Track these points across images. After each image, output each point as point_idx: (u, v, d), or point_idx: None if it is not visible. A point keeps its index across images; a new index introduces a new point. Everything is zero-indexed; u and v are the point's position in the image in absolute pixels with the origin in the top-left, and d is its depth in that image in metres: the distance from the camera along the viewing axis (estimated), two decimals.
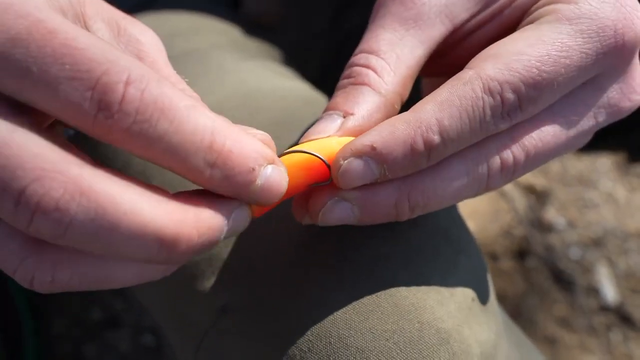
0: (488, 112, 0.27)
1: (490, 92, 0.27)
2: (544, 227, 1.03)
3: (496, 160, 0.28)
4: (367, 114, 0.29)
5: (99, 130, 0.21)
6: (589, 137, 0.31)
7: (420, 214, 0.29)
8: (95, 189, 0.21)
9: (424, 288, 0.31)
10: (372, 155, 0.27)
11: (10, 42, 0.21)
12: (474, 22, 0.32)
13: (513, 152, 0.29)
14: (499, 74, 0.27)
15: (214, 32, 0.51)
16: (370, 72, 0.30)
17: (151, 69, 0.22)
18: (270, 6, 0.57)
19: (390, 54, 0.30)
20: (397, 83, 0.30)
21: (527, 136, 0.29)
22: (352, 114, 0.29)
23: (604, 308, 0.96)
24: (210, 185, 0.23)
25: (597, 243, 1.02)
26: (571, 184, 1.08)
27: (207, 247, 0.24)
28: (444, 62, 0.34)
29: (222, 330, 0.33)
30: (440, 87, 0.28)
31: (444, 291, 0.32)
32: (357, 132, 0.29)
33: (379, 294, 0.30)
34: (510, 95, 0.27)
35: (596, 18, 0.28)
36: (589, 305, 0.97)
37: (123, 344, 0.86)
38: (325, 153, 0.28)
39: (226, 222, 0.24)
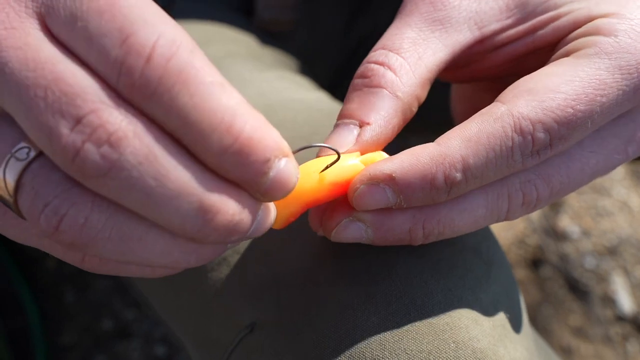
0: (517, 151, 0.26)
1: (521, 131, 0.26)
2: (558, 236, 1.02)
3: (518, 195, 0.28)
4: (384, 122, 0.28)
5: (122, 91, 0.21)
6: (615, 168, 0.30)
7: (435, 241, 0.28)
8: (150, 137, 0.21)
9: (457, 306, 0.30)
10: (389, 184, 0.26)
11: None
12: (504, 35, 0.31)
13: (537, 188, 0.28)
14: (532, 113, 0.26)
15: (229, 41, 0.51)
16: (388, 72, 0.28)
17: (189, 37, 0.21)
18: (284, 14, 0.57)
19: (412, 53, 0.29)
20: (416, 85, 0.29)
21: (553, 172, 0.28)
22: (368, 124, 0.28)
23: (620, 318, 0.95)
24: (220, 168, 0.22)
25: (612, 252, 1.01)
26: (585, 191, 1.06)
27: (237, 235, 0.23)
28: (470, 70, 0.33)
29: (249, 347, 0.32)
30: (469, 120, 0.27)
31: (478, 309, 0.31)
32: (375, 143, 0.28)
33: (412, 313, 0.30)
34: (541, 135, 0.26)
35: (635, 52, 0.27)
36: (604, 315, 0.95)
37: (134, 354, 0.85)
38: (349, 176, 0.27)
39: (256, 219, 0.23)
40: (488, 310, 0.31)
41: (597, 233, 1.03)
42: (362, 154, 0.28)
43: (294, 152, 0.25)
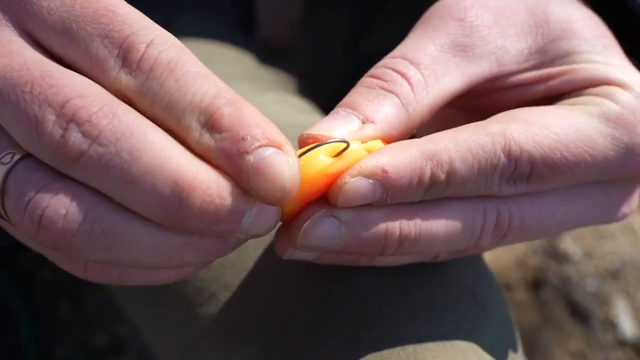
0: (499, 171, 0.26)
1: (509, 153, 0.26)
2: (560, 257, 1.01)
3: (493, 214, 0.27)
4: (387, 127, 0.27)
5: (119, 87, 0.23)
6: (583, 226, 0.31)
7: (407, 254, 0.27)
8: (129, 117, 0.22)
9: (450, 352, 0.30)
10: (381, 178, 0.25)
11: (59, 2, 0.23)
12: (518, 77, 0.30)
13: (511, 213, 0.28)
14: (523, 141, 0.26)
15: (227, 61, 0.50)
16: (405, 84, 0.27)
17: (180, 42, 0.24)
18: (285, 29, 0.56)
19: (431, 72, 0.28)
20: (426, 106, 0.28)
21: (527, 206, 0.28)
22: (372, 122, 0.27)
23: (622, 343, 0.94)
24: (201, 148, 0.22)
25: (614, 275, 1.00)
26: None
27: (223, 223, 0.22)
28: (474, 102, 0.32)
29: None
30: (462, 127, 0.27)
31: (472, 355, 0.30)
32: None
33: (403, 358, 0.29)
34: (525, 165, 0.26)
35: (632, 131, 0.28)
36: (606, 340, 0.94)
37: None
38: (352, 163, 0.25)
39: (249, 209, 0.22)
40: (482, 357, 0.30)
41: (599, 255, 1.01)
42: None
43: (303, 152, 0.24)
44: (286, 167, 0.22)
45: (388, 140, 0.27)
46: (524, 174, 0.27)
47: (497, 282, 0.35)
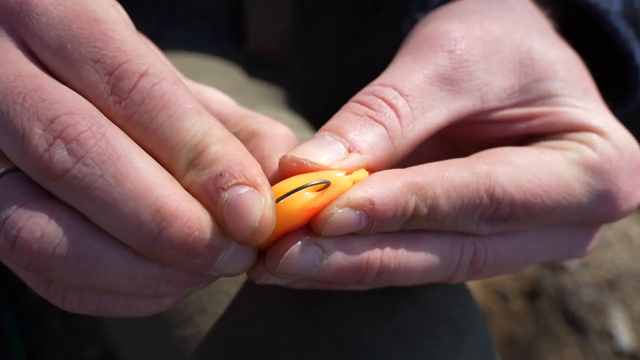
0: (479, 210, 0.26)
1: (492, 195, 0.26)
2: (556, 267, 1.00)
3: (470, 250, 0.28)
4: (373, 158, 0.26)
5: (107, 113, 0.23)
6: (547, 261, 0.30)
7: (384, 284, 0.27)
8: (117, 140, 0.22)
9: None
10: (368, 210, 0.25)
11: (57, 19, 0.23)
12: (500, 114, 0.30)
13: (487, 250, 0.28)
14: (507, 184, 0.26)
15: (214, 75, 0.50)
16: (395, 117, 0.27)
17: (176, 74, 0.23)
18: (275, 41, 0.56)
19: (418, 104, 0.28)
20: (411, 140, 0.27)
21: (501, 243, 0.28)
22: (359, 153, 0.26)
23: (618, 353, 0.93)
24: (185, 184, 0.22)
25: (611, 284, 0.99)
26: None
27: (199, 256, 0.22)
28: (454, 132, 0.31)
29: None
30: (448, 162, 0.27)
31: None
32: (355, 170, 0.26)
33: None
34: (505, 207, 0.27)
35: (607, 179, 0.28)
36: (602, 350, 0.93)
37: None
38: (337, 194, 0.25)
39: (226, 247, 0.23)
40: None
41: (595, 264, 1.00)
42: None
43: (283, 195, 0.24)
44: (258, 206, 0.22)
45: (372, 169, 0.27)
46: (503, 215, 0.27)
47: (478, 304, 0.35)
